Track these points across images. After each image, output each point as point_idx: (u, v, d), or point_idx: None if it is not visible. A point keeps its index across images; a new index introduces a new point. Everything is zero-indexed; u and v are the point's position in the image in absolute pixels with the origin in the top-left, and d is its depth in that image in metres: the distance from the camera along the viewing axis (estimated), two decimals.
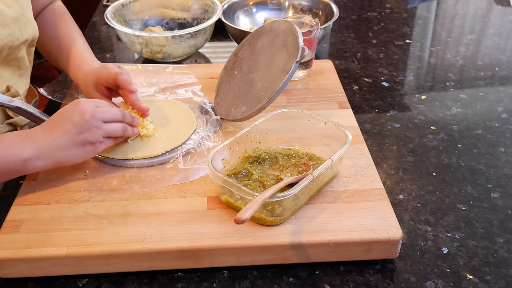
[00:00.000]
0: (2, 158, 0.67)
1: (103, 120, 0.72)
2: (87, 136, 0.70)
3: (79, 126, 0.70)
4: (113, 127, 0.74)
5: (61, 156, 0.70)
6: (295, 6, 1.31)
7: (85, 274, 0.66)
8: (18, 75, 0.82)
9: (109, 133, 0.74)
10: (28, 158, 0.68)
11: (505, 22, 1.41)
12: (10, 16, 0.74)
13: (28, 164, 0.68)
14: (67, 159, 0.71)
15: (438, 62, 1.21)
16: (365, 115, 0.98)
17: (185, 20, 1.26)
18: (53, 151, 0.69)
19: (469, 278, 0.65)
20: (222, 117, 0.88)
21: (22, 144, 0.68)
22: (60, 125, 0.70)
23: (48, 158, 0.69)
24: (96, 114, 0.71)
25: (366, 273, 0.66)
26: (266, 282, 0.65)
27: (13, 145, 0.68)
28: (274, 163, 0.78)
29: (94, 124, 0.71)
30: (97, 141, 0.72)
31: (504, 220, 0.74)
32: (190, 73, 1.04)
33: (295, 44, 0.82)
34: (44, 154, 0.69)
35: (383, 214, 0.68)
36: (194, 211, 0.69)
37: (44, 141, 0.69)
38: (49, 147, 0.69)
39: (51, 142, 0.69)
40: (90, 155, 0.73)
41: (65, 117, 0.71)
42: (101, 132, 0.72)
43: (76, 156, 0.71)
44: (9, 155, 0.67)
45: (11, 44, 0.76)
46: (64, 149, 0.70)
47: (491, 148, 0.89)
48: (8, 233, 0.66)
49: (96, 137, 0.71)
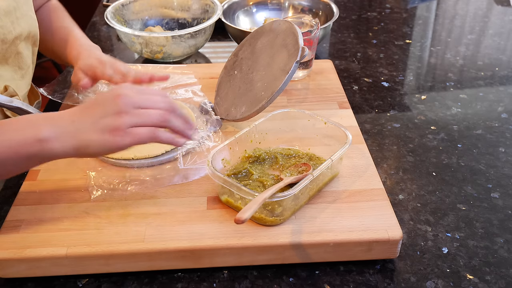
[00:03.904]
0: (16, 137, 0.58)
1: (139, 106, 0.60)
2: (110, 120, 0.59)
3: (106, 108, 0.59)
4: (148, 114, 0.60)
5: (79, 142, 0.59)
6: (295, 6, 1.31)
7: (85, 274, 0.66)
8: (20, 76, 0.82)
9: (140, 121, 0.59)
10: (44, 139, 0.58)
11: (505, 22, 1.41)
12: (2, 8, 0.74)
13: (44, 145, 0.58)
14: (86, 147, 0.60)
15: (438, 62, 1.21)
16: (365, 115, 0.98)
17: (185, 20, 1.26)
18: (72, 134, 0.59)
19: (469, 278, 0.65)
20: (222, 117, 0.88)
21: (40, 123, 0.59)
22: (87, 108, 0.61)
23: (66, 141, 0.59)
24: (131, 98, 0.60)
25: (366, 273, 0.66)
26: (266, 282, 0.65)
27: (29, 124, 0.60)
28: (274, 163, 0.78)
29: (123, 108, 0.59)
30: (120, 128, 0.58)
31: (504, 220, 0.74)
32: (190, 73, 1.04)
33: (295, 44, 0.82)
34: (62, 136, 0.59)
35: (383, 214, 0.68)
36: (194, 211, 0.69)
37: (63, 122, 0.60)
38: (68, 128, 0.60)
39: (71, 124, 0.60)
40: (109, 146, 0.59)
41: (96, 100, 0.61)
42: (129, 118, 0.59)
43: (95, 145, 0.59)
44: (24, 133, 0.59)
45: (3, 37, 0.75)
46: (83, 133, 0.59)
47: (491, 148, 0.89)
48: (8, 233, 0.66)
49: (119, 123, 0.58)
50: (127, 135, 0.59)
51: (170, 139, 0.63)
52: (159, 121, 0.61)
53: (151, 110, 0.60)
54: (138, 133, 0.59)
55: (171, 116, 0.62)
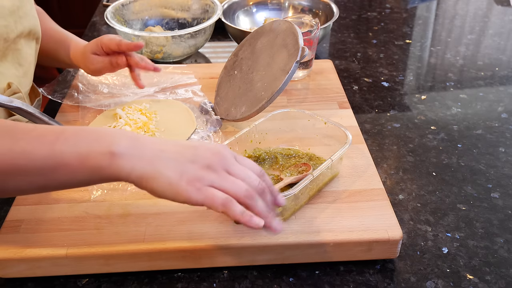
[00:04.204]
0: (89, 145, 0.52)
1: (229, 171, 0.54)
2: (195, 169, 0.53)
3: (197, 157, 0.54)
4: (234, 182, 0.53)
5: (151, 170, 0.52)
6: (295, 6, 1.31)
7: (85, 274, 0.66)
8: (23, 73, 0.82)
9: (224, 185, 0.53)
10: (117, 153, 0.51)
11: (505, 22, 1.41)
12: (7, 7, 0.75)
13: (113, 161, 0.51)
14: (154, 179, 0.52)
15: (438, 62, 1.21)
16: (365, 115, 0.98)
17: (185, 20, 1.26)
18: (149, 159, 0.52)
19: (469, 278, 0.65)
20: (222, 117, 0.88)
21: (117, 136, 0.53)
22: (182, 146, 0.55)
23: (138, 164, 0.52)
24: (227, 160, 0.54)
25: (366, 273, 0.66)
26: (266, 282, 0.65)
27: (106, 134, 0.53)
28: (274, 163, 0.78)
29: (214, 165, 0.53)
30: (200, 181, 0.52)
31: (504, 220, 0.74)
32: (190, 73, 1.04)
33: (295, 44, 0.82)
34: (138, 157, 0.52)
35: (383, 214, 0.68)
36: (194, 211, 0.69)
37: (147, 146, 0.54)
38: (148, 153, 0.53)
39: (157, 146, 0.54)
40: (178, 192, 0.52)
41: (192, 144, 0.56)
42: (214, 177, 0.53)
43: (164, 182, 0.52)
44: (98, 143, 0.52)
45: (6, 36, 0.76)
46: (161, 164, 0.52)
47: (491, 148, 0.89)
48: (8, 233, 0.66)
49: (202, 175, 0.52)
50: (202, 191, 0.52)
51: (245, 217, 0.53)
52: (243, 195, 0.53)
53: (240, 181, 0.54)
54: (213, 194, 0.52)
55: (257, 196, 0.55)
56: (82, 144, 0.52)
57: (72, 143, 0.52)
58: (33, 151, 0.52)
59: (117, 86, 0.99)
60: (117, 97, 0.96)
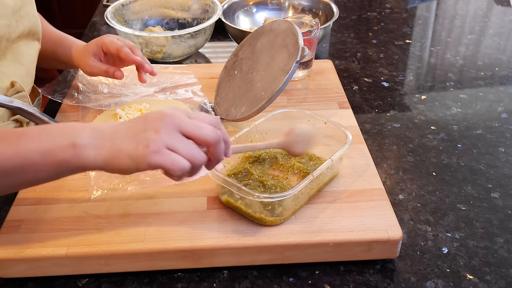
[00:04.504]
0: (51, 141, 0.55)
1: (183, 132, 0.56)
2: (149, 135, 0.54)
3: (148, 123, 0.56)
4: (187, 145, 0.56)
5: (112, 152, 0.55)
6: (295, 6, 1.31)
7: (85, 274, 0.66)
8: (25, 73, 0.82)
9: (178, 148, 0.55)
10: (79, 145, 0.55)
11: (505, 22, 1.41)
12: (10, 7, 0.75)
13: (77, 152, 0.55)
14: (116, 158, 0.55)
15: (438, 62, 1.21)
16: (365, 115, 0.98)
17: (185, 20, 1.26)
18: (108, 144, 0.55)
19: (469, 278, 0.65)
20: (222, 117, 0.88)
21: (80, 130, 0.56)
22: (131, 122, 0.58)
23: (100, 151, 0.55)
24: (178, 120, 0.56)
25: (366, 273, 0.66)
26: (266, 282, 0.65)
27: (68, 129, 0.56)
28: (274, 163, 0.78)
29: (166, 128, 0.55)
30: (155, 143, 0.54)
31: (504, 220, 0.74)
32: (190, 73, 1.04)
33: (295, 44, 0.82)
34: (98, 145, 0.55)
35: (383, 214, 0.68)
36: (194, 211, 0.69)
37: (104, 132, 0.57)
38: (106, 138, 0.56)
39: (111, 134, 0.56)
40: (137, 158, 0.54)
41: (142, 117, 0.58)
42: (167, 138, 0.55)
43: (124, 156, 0.55)
44: (59, 138, 0.55)
45: (8, 36, 0.76)
46: (119, 144, 0.55)
47: (491, 148, 0.89)
48: (8, 233, 0.66)
49: (155, 138, 0.54)
50: (160, 153, 0.54)
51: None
52: (200, 161, 0.57)
53: (195, 146, 0.56)
54: (172, 157, 0.54)
55: (215, 150, 0.58)
56: (45, 140, 0.55)
57: (35, 141, 0.55)
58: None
59: (117, 86, 0.99)
60: (117, 97, 0.96)
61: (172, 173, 0.55)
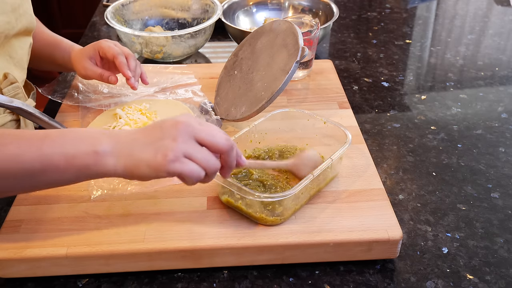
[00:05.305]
0: (73, 147, 0.56)
1: (198, 139, 0.58)
2: (167, 143, 0.56)
3: (164, 130, 0.57)
4: (203, 153, 0.57)
5: (132, 160, 0.57)
6: (295, 6, 1.31)
7: (85, 274, 0.66)
8: (13, 65, 0.82)
9: (195, 156, 0.57)
10: (101, 152, 0.56)
11: (505, 22, 1.41)
12: (9, 4, 0.75)
13: (99, 159, 0.56)
14: (136, 167, 0.57)
15: (438, 62, 1.21)
16: (365, 115, 0.98)
17: (185, 20, 1.26)
18: (128, 152, 0.57)
19: (469, 278, 0.65)
20: (222, 117, 0.88)
21: (101, 137, 0.58)
22: (148, 129, 0.59)
23: (121, 158, 0.57)
24: (192, 128, 0.58)
25: (366, 273, 0.66)
26: (266, 282, 0.65)
27: (89, 136, 0.58)
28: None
29: (183, 137, 0.57)
30: (173, 151, 0.56)
31: (504, 220, 0.74)
32: (190, 73, 1.04)
33: (295, 44, 0.82)
34: (119, 152, 0.57)
35: (383, 214, 0.68)
36: (194, 211, 0.69)
37: (124, 139, 0.58)
38: (126, 146, 0.58)
39: (131, 142, 0.58)
40: (157, 167, 0.56)
41: (157, 124, 0.60)
42: (185, 146, 0.56)
43: (144, 165, 0.56)
44: (82, 144, 0.57)
45: (7, 32, 0.76)
46: (138, 152, 0.57)
47: (491, 148, 0.89)
48: (8, 233, 0.66)
49: (173, 147, 0.56)
50: (178, 162, 0.56)
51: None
52: (215, 168, 0.59)
53: (210, 154, 0.58)
54: (189, 165, 0.57)
55: (228, 159, 0.60)
56: (68, 145, 0.56)
57: (58, 145, 0.56)
58: (22, 155, 0.55)
59: (117, 86, 0.99)
60: (117, 97, 0.96)
61: (188, 180, 0.57)
